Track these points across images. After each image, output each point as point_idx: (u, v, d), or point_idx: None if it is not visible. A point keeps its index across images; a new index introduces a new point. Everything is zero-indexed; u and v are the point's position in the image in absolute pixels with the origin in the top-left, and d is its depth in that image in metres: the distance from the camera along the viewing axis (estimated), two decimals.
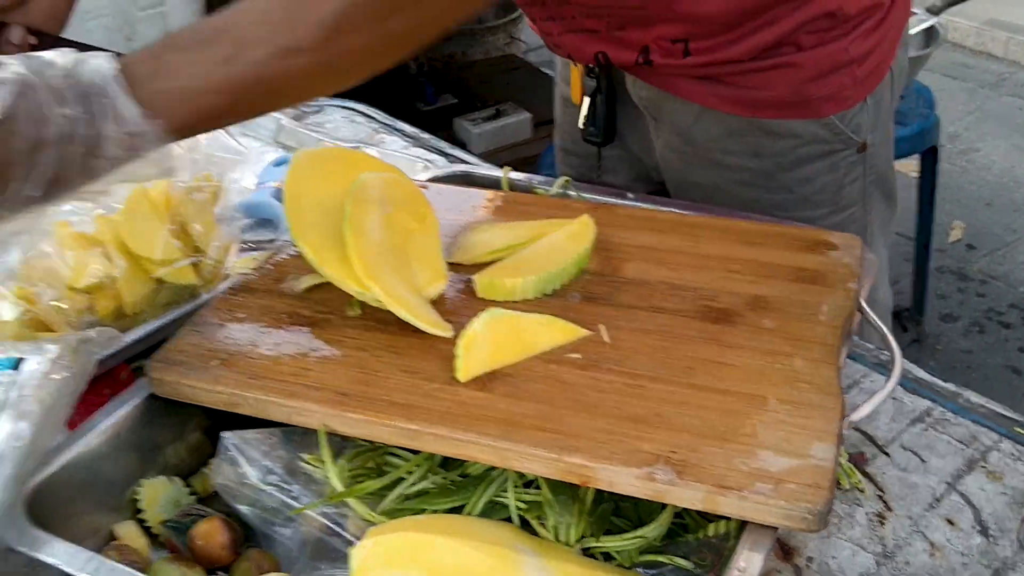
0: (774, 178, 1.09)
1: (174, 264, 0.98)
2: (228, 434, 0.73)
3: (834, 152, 1.08)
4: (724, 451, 0.67)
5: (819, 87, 1.05)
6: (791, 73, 1.04)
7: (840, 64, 1.04)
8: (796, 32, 1.02)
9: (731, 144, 1.09)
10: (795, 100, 1.05)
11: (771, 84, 1.05)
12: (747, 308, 0.82)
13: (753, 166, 1.09)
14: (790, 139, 1.07)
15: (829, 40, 1.03)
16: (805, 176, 1.09)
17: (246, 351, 0.78)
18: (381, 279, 0.79)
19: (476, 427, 0.70)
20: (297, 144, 1.37)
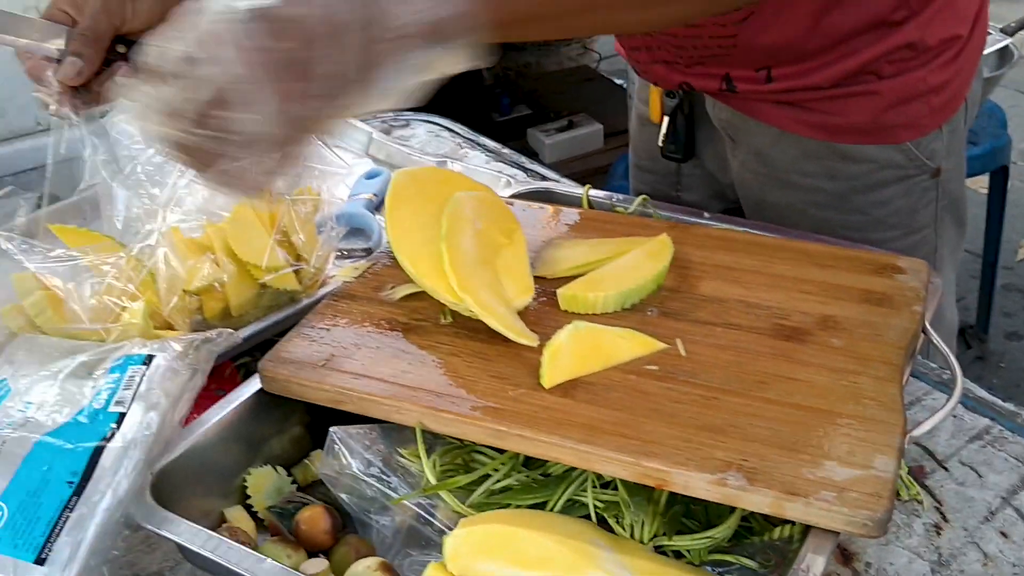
0: (848, 200, 1.14)
1: (279, 271, 1.06)
2: (335, 429, 0.80)
3: (909, 177, 1.13)
4: (792, 460, 0.72)
5: (897, 115, 1.09)
6: (870, 100, 1.09)
7: (918, 93, 1.09)
8: (877, 61, 1.06)
9: (807, 166, 1.14)
10: (873, 126, 1.10)
11: (850, 110, 1.09)
12: (817, 327, 0.86)
13: (828, 188, 1.14)
14: (866, 163, 1.12)
15: (908, 70, 1.08)
16: (879, 199, 1.13)
17: (349, 353, 0.85)
18: (473, 291, 0.86)
19: (559, 431, 0.76)
20: (386, 157, 1.44)
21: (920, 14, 1.05)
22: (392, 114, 1.66)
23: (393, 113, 1.66)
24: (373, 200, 1.30)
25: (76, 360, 0.80)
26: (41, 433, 0.74)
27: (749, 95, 1.12)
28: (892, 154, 1.12)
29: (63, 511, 0.70)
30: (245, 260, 1.06)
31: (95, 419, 0.75)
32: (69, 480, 0.72)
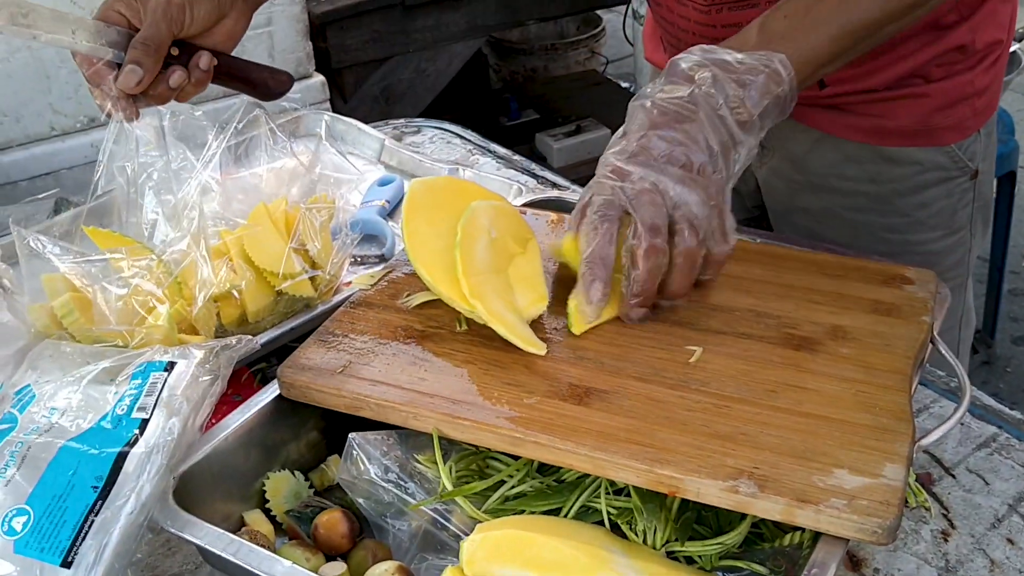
0: (890, 203, 1.15)
1: (295, 278, 1.08)
2: (354, 435, 0.81)
3: (951, 179, 1.15)
4: (803, 468, 0.74)
5: (944, 117, 1.11)
6: (919, 104, 1.10)
7: (965, 96, 1.11)
8: (928, 64, 1.09)
9: (848, 170, 1.15)
10: (920, 129, 1.12)
11: (898, 113, 1.11)
12: (827, 337, 0.88)
13: (870, 191, 1.15)
14: (911, 166, 1.13)
15: (956, 73, 1.10)
16: (922, 201, 1.15)
17: (367, 360, 0.87)
18: (484, 299, 0.87)
19: (574, 438, 0.78)
20: (398, 164, 1.46)
21: (970, 18, 1.07)
22: (403, 120, 1.67)
23: (404, 119, 1.68)
24: (386, 207, 1.32)
25: (99, 366, 0.82)
26: (66, 438, 0.76)
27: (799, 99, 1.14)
28: (937, 156, 1.13)
29: (88, 515, 0.72)
30: (261, 267, 1.07)
31: (118, 425, 0.77)
32: (94, 485, 0.73)
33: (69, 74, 1.88)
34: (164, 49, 1.01)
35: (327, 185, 1.20)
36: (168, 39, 1.01)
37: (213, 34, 1.06)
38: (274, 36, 2.00)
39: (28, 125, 1.89)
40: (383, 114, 2.36)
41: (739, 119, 0.85)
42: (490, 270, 0.91)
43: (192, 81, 1.05)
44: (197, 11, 1.02)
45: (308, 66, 2.08)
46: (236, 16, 1.08)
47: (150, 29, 1.00)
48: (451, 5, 2.40)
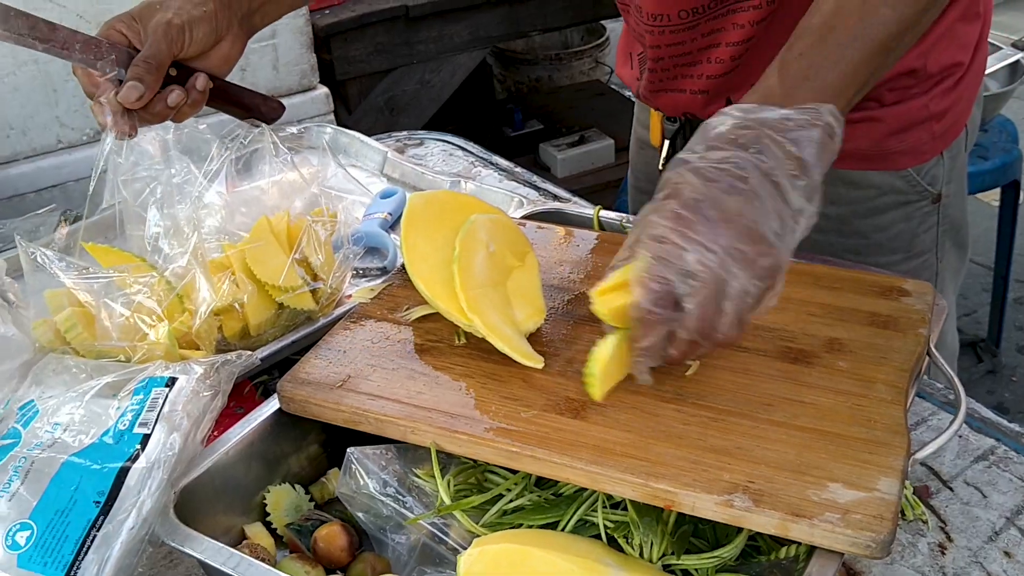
0: (849, 224, 1.16)
1: (296, 291, 1.08)
2: (352, 449, 0.82)
3: (910, 203, 1.15)
4: (797, 482, 0.74)
5: (898, 141, 1.11)
6: (872, 127, 1.10)
7: (919, 120, 1.11)
8: (880, 88, 1.08)
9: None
10: (874, 153, 1.12)
11: (853, 137, 1.10)
12: (823, 350, 0.88)
13: (829, 213, 1.14)
14: (867, 189, 1.14)
15: (909, 97, 1.10)
16: (879, 224, 1.15)
17: (365, 374, 0.87)
18: (482, 312, 0.88)
19: (570, 452, 0.78)
20: (401, 176, 1.47)
21: (920, 42, 1.06)
22: (406, 133, 1.68)
23: (407, 132, 1.69)
24: (388, 219, 1.32)
25: (102, 381, 0.83)
26: (68, 454, 0.77)
27: None
28: (893, 180, 1.14)
29: (90, 530, 0.73)
30: (263, 280, 1.08)
31: (120, 440, 0.78)
32: (96, 500, 0.74)
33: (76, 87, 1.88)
34: (164, 68, 1.04)
35: (330, 198, 1.21)
36: (168, 58, 1.04)
37: (209, 57, 1.09)
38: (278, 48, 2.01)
39: (35, 138, 1.91)
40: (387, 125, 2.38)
41: (797, 184, 0.78)
42: (488, 284, 0.91)
43: (189, 101, 1.07)
44: (196, 33, 1.05)
45: (312, 78, 2.09)
46: (232, 40, 1.11)
47: (152, 48, 1.02)
48: (454, 16, 2.41)
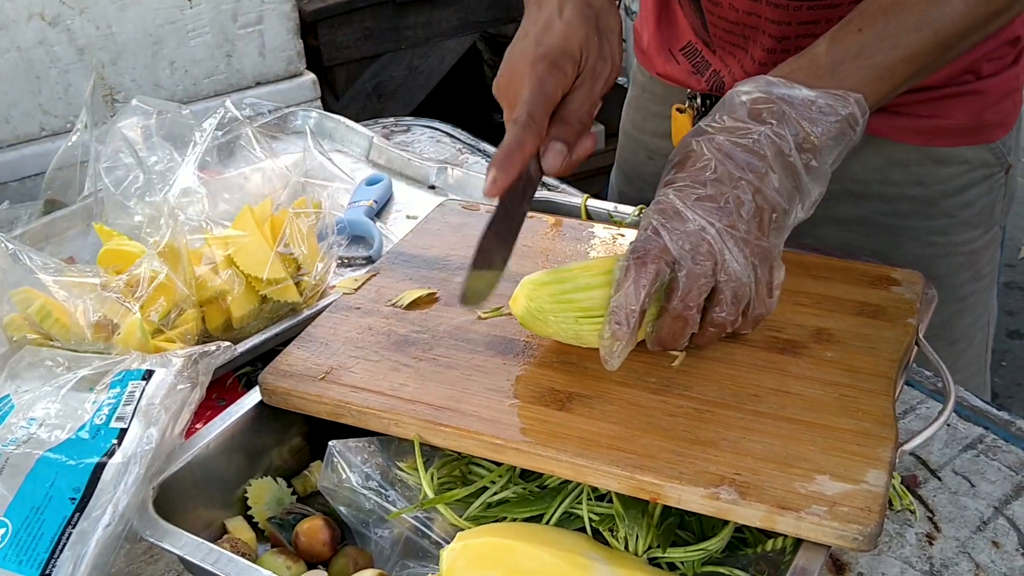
0: (936, 205, 1.13)
1: (280, 283, 1.07)
2: (334, 443, 0.81)
3: (992, 175, 1.13)
4: (784, 475, 0.73)
5: (994, 113, 1.10)
6: (972, 101, 1.08)
7: (1012, 90, 1.10)
8: (981, 60, 1.06)
9: (893, 174, 1.12)
10: (973, 127, 1.10)
11: (954, 111, 1.08)
12: (811, 340, 0.87)
13: (915, 194, 1.13)
14: (959, 165, 1.11)
15: (1005, 67, 1.08)
16: (966, 200, 1.13)
17: (348, 365, 0.86)
18: None
19: (555, 444, 0.77)
20: (387, 162, 1.45)
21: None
22: (393, 119, 1.67)
23: (394, 118, 1.67)
24: (373, 206, 1.31)
25: (77, 375, 0.81)
26: (44, 449, 0.75)
27: None
28: (983, 154, 1.11)
29: (66, 527, 0.72)
30: (247, 272, 1.07)
31: (96, 435, 0.77)
32: (71, 496, 0.73)
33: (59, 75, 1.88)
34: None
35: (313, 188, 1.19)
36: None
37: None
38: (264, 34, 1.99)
39: (18, 126, 1.89)
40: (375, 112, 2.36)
41: (809, 167, 0.78)
42: None
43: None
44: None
45: (299, 64, 2.07)
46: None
47: (575, 104, 0.88)
48: (443, 1, 2.40)
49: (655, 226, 0.77)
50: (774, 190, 0.78)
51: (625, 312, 0.76)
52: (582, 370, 0.84)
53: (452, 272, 0.99)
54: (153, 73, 1.91)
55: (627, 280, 0.76)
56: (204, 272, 1.08)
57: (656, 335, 0.81)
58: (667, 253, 0.76)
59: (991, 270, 1.21)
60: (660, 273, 0.76)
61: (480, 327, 0.91)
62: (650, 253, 0.76)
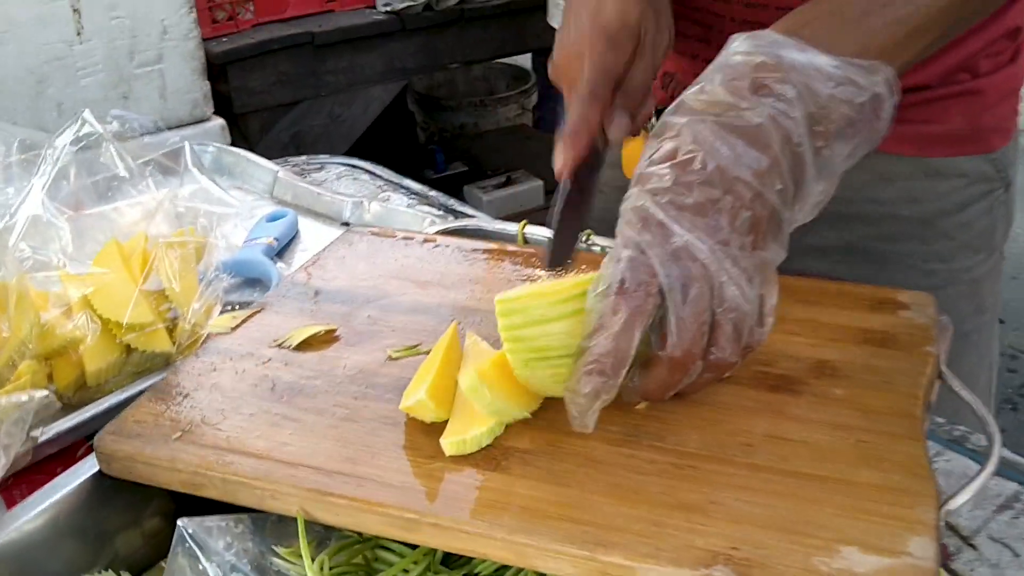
0: (933, 226, 0.96)
1: (144, 328, 0.87)
2: (185, 521, 0.60)
3: (992, 192, 0.97)
4: (797, 547, 0.54)
5: (992, 117, 0.94)
6: (970, 103, 0.92)
7: (1010, 91, 0.94)
8: (978, 55, 0.91)
9: (882, 192, 0.96)
10: (968, 133, 0.94)
11: (947, 116, 0.92)
12: (810, 375, 0.69)
13: (909, 214, 0.96)
14: (957, 179, 0.95)
15: (1003, 64, 0.92)
16: (966, 220, 0.96)
17: (215, 422, 0.66)
18: None
19: (488, 515, 0.57)
20: (293, 198, 1.26)
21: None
22: (304, 157, 1.48)
23: (306, 156, 1.49)
24: (274, 245, 1.11)
25: None
26: None
27: None
28: (982, 166, 0.95)
29: None
30: (106, 316, 0.87)
31: None
32: None
33: None
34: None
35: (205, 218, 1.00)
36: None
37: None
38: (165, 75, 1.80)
39: None
40: None
41: (820, 156, 0.62)
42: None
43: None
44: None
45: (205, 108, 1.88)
46: None
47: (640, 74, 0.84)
48: (366, 45, 2.22)
49: (637, 243, 0.59)
50: (777, 193, 0.60)
51: (613, 361, 0.58)
52: (522, 420, 0.65)
53: (359, 306, 0.80)
54: (37, 115, 1.70)
55: (615, 320, 0.58)
56: (52, 317, 0.87)
57: (643, 387, 0.62)
58: (647, 290, 0.59)
59: (993, 303, 1.04)
60: (654, 308, 0.59)
61: (390, 369, 0.71)
62: (641, 283, 0.58)
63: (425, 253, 0.89)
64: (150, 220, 0.94)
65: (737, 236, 0.59)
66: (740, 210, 0.59)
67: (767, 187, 0.59)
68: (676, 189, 0.59)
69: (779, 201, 0.60)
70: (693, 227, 0.59)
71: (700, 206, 0.59)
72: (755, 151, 0.59)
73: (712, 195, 0.59)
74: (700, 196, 0.59)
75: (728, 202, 0.59)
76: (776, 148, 0.59)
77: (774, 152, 0.59)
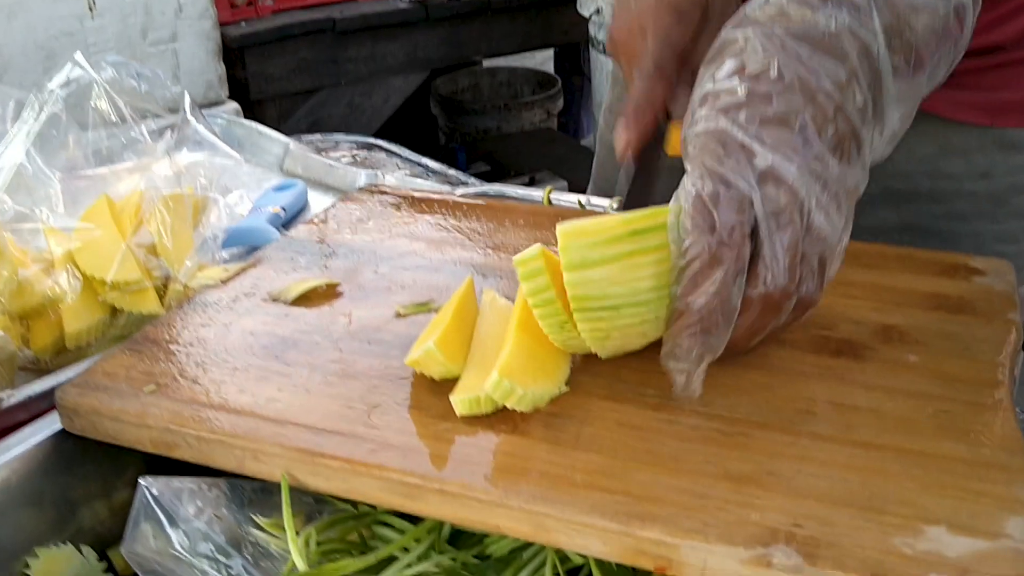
0: (1005, 203, 0.87)
1: (131, 287, 0.79)
2: (149, 480, 0.51)
3: None
4: (873, 525, 0.45)
5: None
6: None
7: None
8: None
9: (949, 165, 0.87)
10: None
11: (1023, 81, 0.83)
12: (877, 340, 0.60)
13: (978, 190, 0.86)
14: None
15: None
16: None
17: (193, 376, 0.58)
18: None
19: (503, 482, 0.49)
20: (303, 171, 1.18)
21: None
22: (319, 135, 1.40)
23: (320, 135, 1.41)
24: (280, 214, 1.03)
25: None
26: None
27: None
28: None
29: None
30: (90, 274, 0.79)
31: None
32: None
33: None
34: None
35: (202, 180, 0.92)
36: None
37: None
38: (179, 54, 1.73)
39: None
40: None
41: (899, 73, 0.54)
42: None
43: None
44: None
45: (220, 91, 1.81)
46: None
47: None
48: (388, 33, 2.14)
49: (720, 174, 0.51)
50: (858, 110, 0.52)
51: (720, 317, 0.51)
52: None
53: (366, 262, 0.72)
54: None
55: (715, 270, 0.50)
56: (31, 274, 0.79)
57: (731, 337, 0.53)
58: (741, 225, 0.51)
59: None
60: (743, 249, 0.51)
61: (397, 326, 0.63)
62: (735, 225, 0.50)
63: (445, 211, 0.81)
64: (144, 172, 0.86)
65: (825, 155, 0.51)
66: (825, 124, 0.51)
67: (848, 101, 0.51)
68: (753, 102, 0.51)
69: (859, 119, 0.52)
70: (778, 144, 0.50)
71: (783, 118, 0.50)
72: (832, 61, 0.51)
73: (795, 104, 0.51)
74: (782, 106, 0.51)
75: (811, 114, 0.51)
76: (854, 59, 0.51)
77: (852, 63, 0.51)
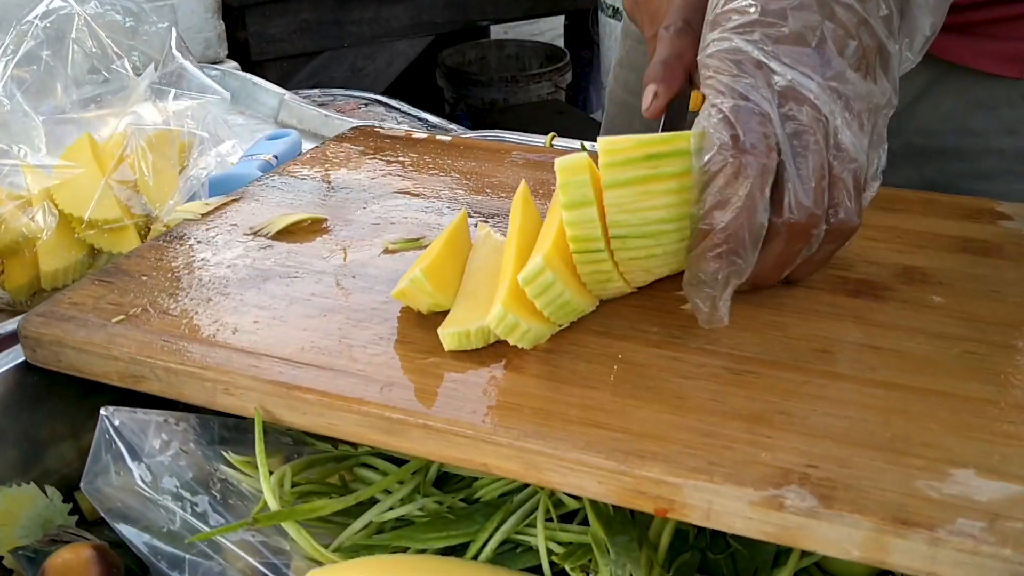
0: None
1: (109, 225, 0.75)
2: (110, 410, 0.47)
3: None
4: (895, 467, 0.41)
5: None
6: None
7: None
8: None
9: (977, 121, 0.82)
10: None
11: None
12: (897, 280, 0.56)
13: (1006, 147, 0.81)
14: None
15: None
16: None
17: (165, 306, 0.54)
18: None
19: (492, 417, 0.45)
20: (298, 122, 1.14)
21: None
22: (318, 90, 1.36)
23: (318, 90, 1.37)
24: (271, 162, 0.99)
25: None
26: None
27: None
28: None
29: None
30: (67, 211, 0.75)
31: None
32: None
33: None
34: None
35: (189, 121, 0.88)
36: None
37: None
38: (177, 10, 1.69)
39: None
40: None
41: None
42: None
43: None
44: None
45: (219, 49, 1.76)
46: None
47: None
48: None
49: (737, 89, 0.47)
50: (882, 20, 0.48)
51: (746, 236, 0.47)
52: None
53: (355, 198, 0.68)
54: None
55: (739, 185, 0.46)
56: (7, 211, 0.76)
57: (758, 268, 0.50)
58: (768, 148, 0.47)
59: None
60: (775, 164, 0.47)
61: (384, 261, 0.59)
62: (759, 135, 0.47)
63: (441, 152, 0.77)
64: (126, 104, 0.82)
65: (847, 72, 0.47)
66: (846, 39, 0.47)
67: (871, 12, 0.47)
68: (766, 20, 0.48)
69: (885, 31, 0.48)
70: (796, 62, 0.47)
71: (799, 35, 0.47)
72: None
73: (810, 21, 0.47)
74: (796, 24, 0.47)
75: (830, 29, 0.47)
76: None
77: None
